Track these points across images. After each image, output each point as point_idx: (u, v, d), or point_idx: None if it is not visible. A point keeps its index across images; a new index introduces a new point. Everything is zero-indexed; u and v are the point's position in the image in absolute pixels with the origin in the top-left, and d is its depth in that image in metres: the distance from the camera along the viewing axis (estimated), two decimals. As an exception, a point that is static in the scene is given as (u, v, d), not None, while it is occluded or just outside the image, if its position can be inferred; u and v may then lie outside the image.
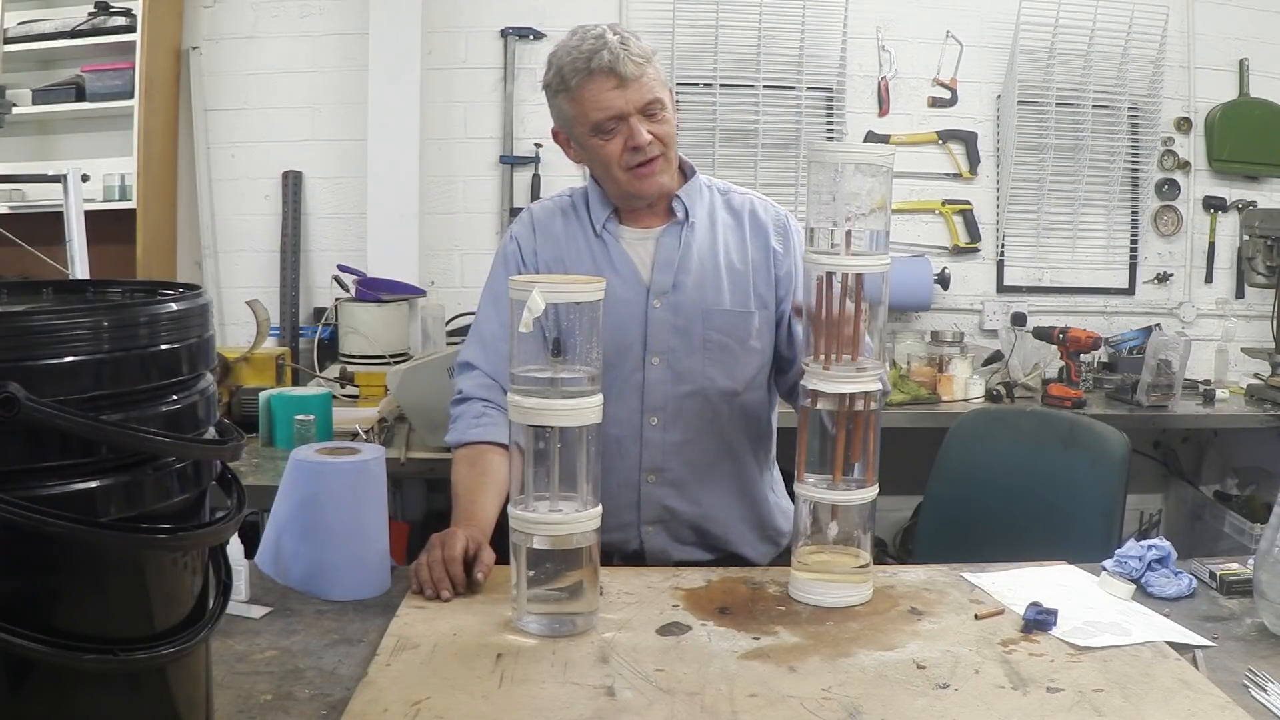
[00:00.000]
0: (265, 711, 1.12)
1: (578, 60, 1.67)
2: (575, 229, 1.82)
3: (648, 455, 1.77)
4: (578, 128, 1.73)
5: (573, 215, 1.83)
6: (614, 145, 1.70)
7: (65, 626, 0.81)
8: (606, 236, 1.80)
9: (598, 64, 1.66)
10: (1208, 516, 3.79)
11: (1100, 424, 2.20)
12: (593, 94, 1.67)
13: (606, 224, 1.80)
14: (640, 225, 1.81)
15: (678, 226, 1.80)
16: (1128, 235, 4.11)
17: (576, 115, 1.71)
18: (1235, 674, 1.24)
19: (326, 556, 1.45)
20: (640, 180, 1.73)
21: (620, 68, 1.66)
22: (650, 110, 1.70)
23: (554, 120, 1.79)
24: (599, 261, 1.78)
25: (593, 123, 1.69)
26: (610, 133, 1.70)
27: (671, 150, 1.75)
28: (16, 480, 0.77)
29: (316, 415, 2.51)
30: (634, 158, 1.70)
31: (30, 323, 0.79)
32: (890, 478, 1.53)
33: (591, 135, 1.71)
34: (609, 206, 1.81)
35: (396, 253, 3.72)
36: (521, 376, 1.34)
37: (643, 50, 1.70)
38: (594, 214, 1.82)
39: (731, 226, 1.83)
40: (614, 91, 1.67)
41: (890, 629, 1.37)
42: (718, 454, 1.81)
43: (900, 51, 3.97)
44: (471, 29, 3.88)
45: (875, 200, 1.41)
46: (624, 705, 1.15)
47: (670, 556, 1.79)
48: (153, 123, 3.63)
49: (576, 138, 1.75)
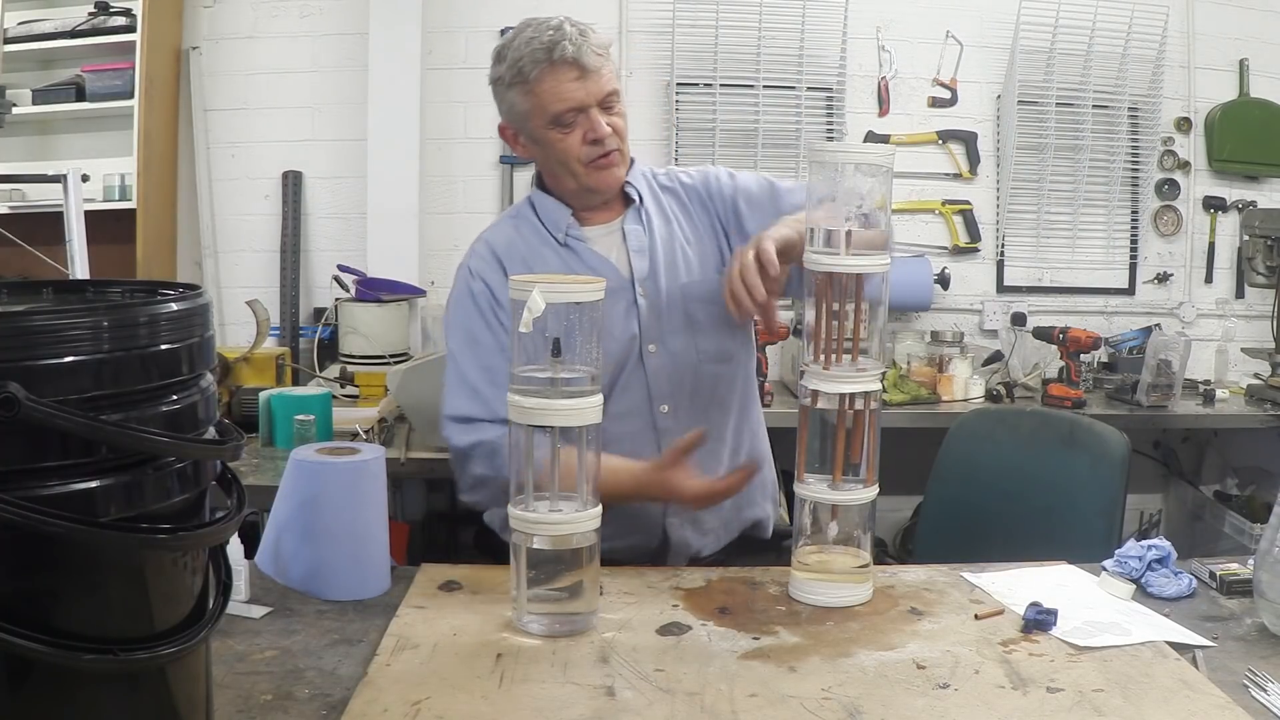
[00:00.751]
0: (265, 711, 1.12)
1: (537, 51, 1.64)
2: (537, 245, 1.77)
3: (665, 444, 1.75)
4: (534, 121, 1.69)
5: (530, 233, 1.79)
6: (573, 138, 1.68)
7: (65, 626, 0.81)
8: (573, 243, 1.77)
9: (560, 55, 1.63)
10: (1208, 516, 3.79)
11: (1100, 424, 2.20)
12: (552, 85, 1.65)
13: (569, 230, 1.77)
14: (600, 222, 1.80)
15: (635, 211, 1.79)
16: (1128, 235, 4.11)
17: (533, 108, 1.68)
18: (1235, 674, 1.24)
19: (326, 556, 1.45)
20: (600, 173, 1.72)
21: (583, 59, 1.64)
22: (608, 102, 1.69)
23: (503, 115, 1.75)
24: (573, 268, 1.75)
25: (552, 115, 1.67)
26: (569, 125, 1.68)
27: (626, 144, 1.74)
28: (16, 480, 0.77)
29: (316, 415, 2.51)
30: (593, 150, 1.69)
31: (30, 323, 0.79)
32: (890, 478, 1.53)
33: (549, 128, 1.68)
34: (565, 210, 1.78)
35: (396, 253, 3.72)
36: (521, 376, 1.34)
37: (601, 41, 1.68)
38: (551, 224, 1.78)
39: (673, 203, 1.83)
40: (575, 83, 1.65)
41: (890, 629, 1.37)
42: (725, 425, 1.82)
43: (900, 51, 3.97)
44: (471, 29, 3.88)
45: (875, 200, 1.41)
46: (624, 705, 1.15)
47: (690, 547, 1.79)
48: (153, 123, 3.63)
49: (530, 131, 1.71)
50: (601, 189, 1.75)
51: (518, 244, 1.78)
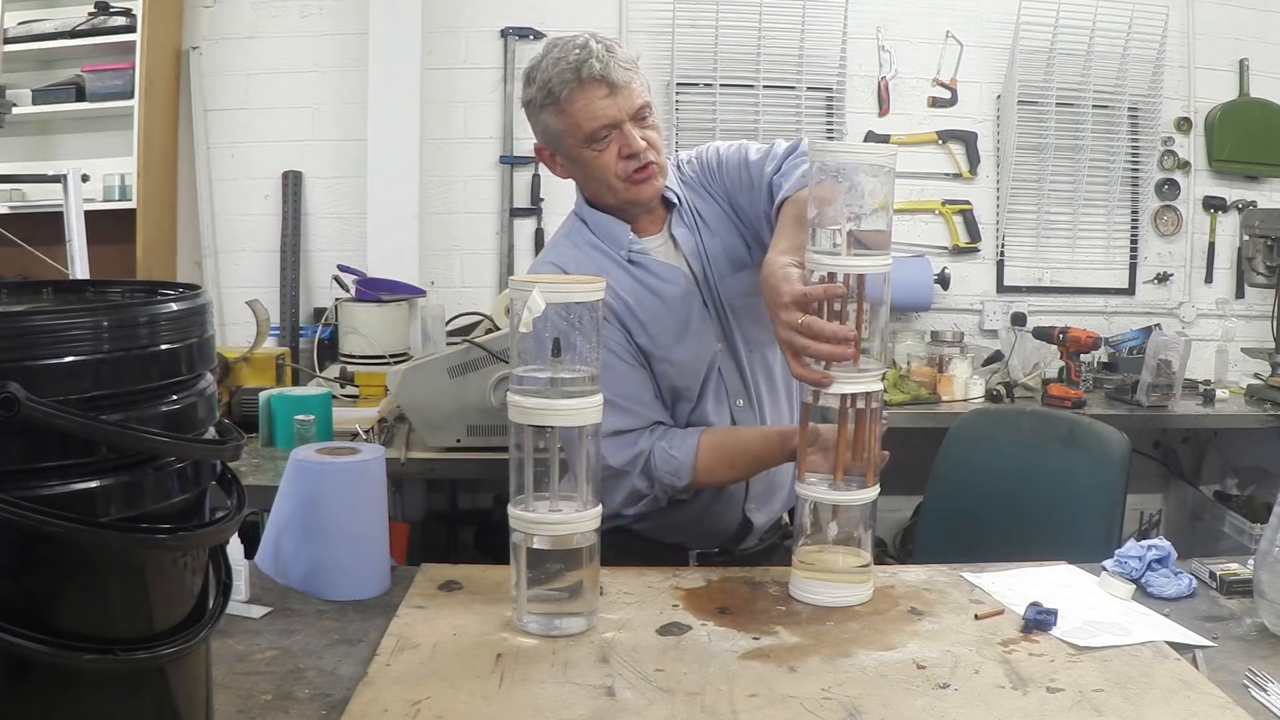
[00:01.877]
0: (265, 711, 1.12)
1: (565, 71, 1.64)
2: (604, 262, 1.77)
3: None
4: (568, 140, 1.69)
5: (592, 251, 1.78)
6: (609, 155, 1.68)
7: (65, 626, 0.81)
8: (637, 258, 1.77)
9: (588, 73, 1.63)
10: (1208, 516, 3.79)
11: (1100, 424, 2.20)
12: (584, 104, 1.65)
13: (632, 246, 1.77)
14: (652, 232, 1.81)
15: (678, 215, 1.81)
16: (1128, 235, 4.11)
17: (567, 128, 1.68)
18: (1235, 674, 1.24)
19: (326, 556, 1.45)
20: (638, 187, 1.71)
21: (611, 75, 1.63)
22: (641, 115, 1.68)
23: (538, 137, 1.76)
24: (646, 284, 1.76)
25: (586, 133, 1.67)
26: (604, 141, 1.67)
27: (662, 155, 1.73)
28: (16, 480, 0.77)
29: (316, 415, 2.51)
30: (629, 165, 1.69)
31: (30, 323, 0.79)
32: (890, 478, 1.53)
33: (584, 146, 1.68)
34: (623, 226, 1.78)
35: (396, 253, 3.72)
36: (521, 377, 1.34)
37: (628, 56, 1.69)
38: (610, 242, 1.78)
39: (694, 196, 1.83)
40: (606, 100, 1.65)
41: (890, 629, 1.37)
42: (788, 406, 1.86)
43: (900, 51, 3.97)
44: (471, 29, 3.88)
45: (877, 200, 1.41)
46: (624, 705, 1.15)
47: (764, 527, 1.88)
48: (153, 123, 3.63)
49: (566, 151, 1.72)
50: (641, 201, 1.74)
51: (585, 264, 1.76)
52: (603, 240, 1.78)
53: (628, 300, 1.75)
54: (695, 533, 1.84)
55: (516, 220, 3.95)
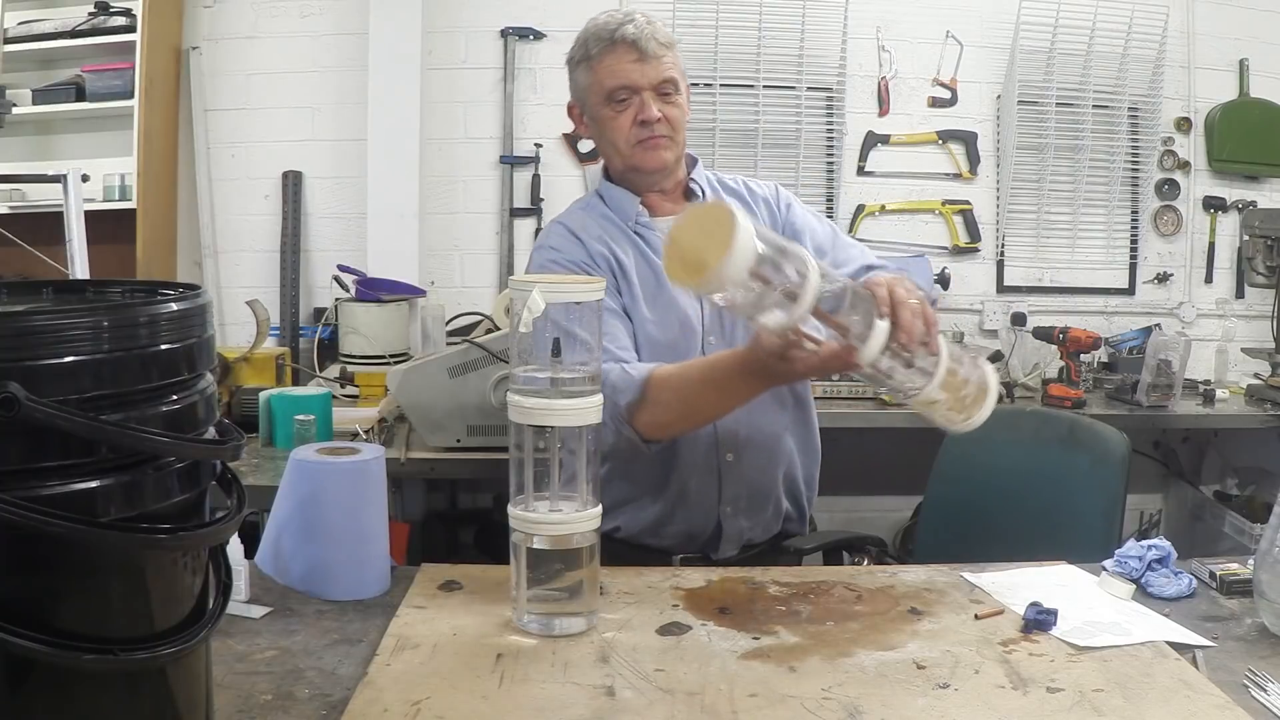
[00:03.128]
0: (265, 711, 1.12)
1: (602, 31, 1.75)
2: (612, 228, 1.84)
3: (723, 433, 1.80)
4: (592, 97, 1.78)
5: (601, 218, 1.86)
6: (624, 118, 1.76)
7: (65, 626, 0.81)
8: (644, 231, 1.84)
9: (621, 35, 1.73)
10: (1208, 516, 3.79)
11: (1100, 424, 2.20)
12: (611, 63, 1.74)
13: (639, 218, 1.84)
14: (665, 214, 1.86)
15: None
16: (1128, 235, 4.11)
17: (592, 84, 1.77)
18: (1235, 674, 1.24)
19: (326, 556, 1.45)
20: (644, 153, 1.77)
21: (643, 43, 1.73)
22: (664, 90, 1.76)
23: (571, 93, 1.85)
24: (646, 254, 1.82)
25: (607, 90, 1.75)
26: (622, 103, 1.76)
27: (679, 135, 1.80)
28: (16, 480, 0.77)
29: (316, 415, 2.51)
30: (641, 132, 1.76)
31: (30, 323, 0.79)
32: (890, 478, 1.53)
33: (604, 105, 1.76)
34: (633, 199, 1.85)
35: (396, 253, 3.72)
36: (521, 376, 1.34)
37: (667, 37, 1.77)
38: (620, 212, 1.85)
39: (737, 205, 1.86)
40: (632, 64, 1.74)
41: (890, 629, 1.37)
42: (781, 421, 1.85)
43: (900, 51, 3.97)
44: (471, 29, 3.88)
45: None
46: (624, 705, 1.15)
47: (743, 537, 1.85)
48: (153, 123, 3.63)
49: (590, 109, 1.80)
50: (645, 168, 1.80)
51: (591, 226, 1.84)
52: (614, 210, 1.85)
53: (623, 260, 1.80)
54: (669, 535, 1.83)
55: (516, 220, 3.95)
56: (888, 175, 4.01)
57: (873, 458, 3.22)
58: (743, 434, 1.81)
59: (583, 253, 1.80)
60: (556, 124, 3.89)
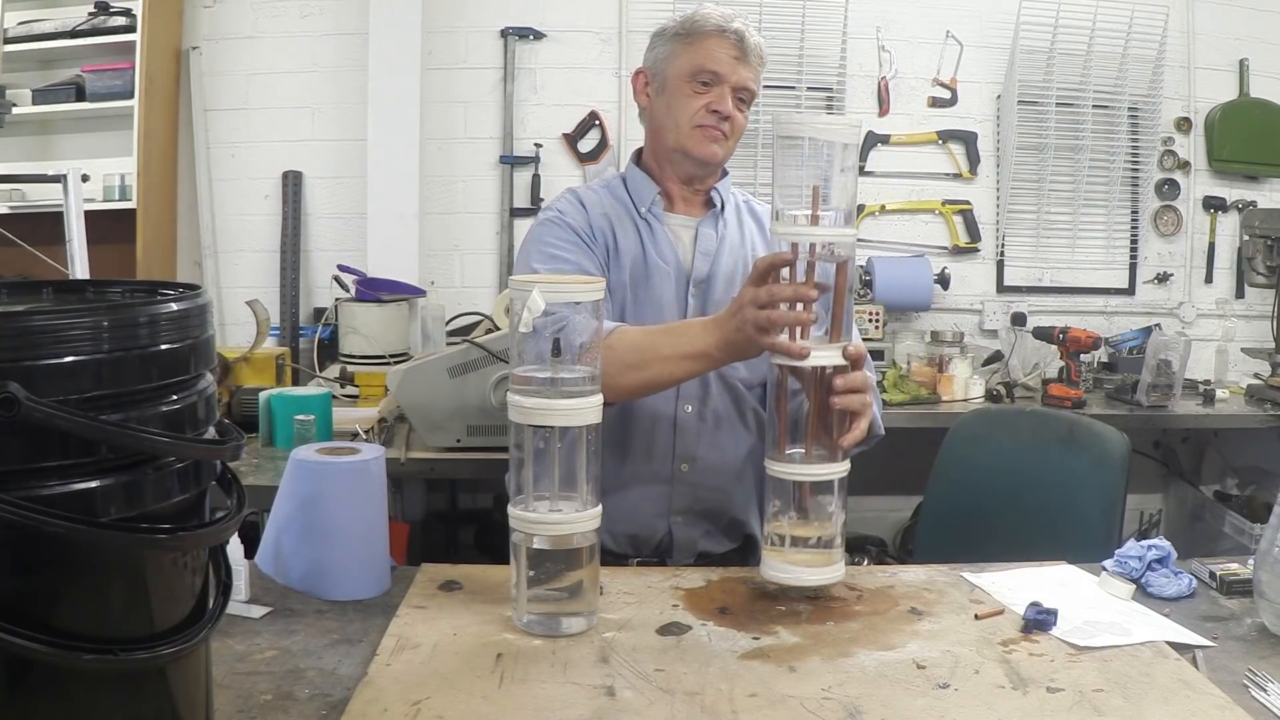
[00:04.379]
0: (265, 711, 1.12)
1: (713, 18, 1.79)
2: (620, 210, 1.86)
3: (681, 442, 1.80)
4: (675, 69, 1.80)
5: (614, 199, 1.88)
6: (699, 100, 1.79)
7: (65, 626, 0.81)
8: (651, 220, 1.85)
9: (732, 29, 1.78)
10: (1208, 516, 3.79)
11: (1100, 424, 2.20)
12: (712, 47, 1.78)
13: (652, 207, 1.86)
14: (681, 213, 1.88)
15: (714, 218, 1.88)
16: (1128, 235, 4.11)
17: (683, 58, 1.79)
18: (1235, 674, 1.24)
19: (326, 556, 1.45)
20: (702, 138, 1.80)
21: (746, 44, 1.79)
22: (742, 95, 1.81)
23: (647, 62, 1.87)
24: (645, 243, 1.83)
25: (696, 68, 1.78)
26: (705, 87, 1.78)
27: (734, 141, 1.84)
28: (16, 480, 0.77)
29: (316, 415, 2.51)
30: (709, 118, 1.79)
31: (30, 323, 0.79)
32: (890, 478, 1.53)
33: (686, 81, 1.79)
34: (654, 187, 1.86)
35: (396, 253, 3.72)
36: (521, 376, 1.34)
37: (764, 54, 1.84)
38: (637, 195, 1.87)
39: (756, 230, 1.90)
40: (732, 58, 1.78)
41: (890, 629, 1.37)
42: (744, 443, 1.84)
43: (900, 51, 3.97)
44: (471, 29, 3.88)
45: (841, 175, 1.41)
46: (624, 705, 1.15)
47: (696, 547, 1.83)
48: (153, 123, 3.63)
49: (666, 79, 1.81)
50: (695, 154, 1.81)
51: (596, 203, 1.87)
52: (631, 192, 1.88)
53: (621, 242, 1.82)
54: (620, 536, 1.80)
55: (516, 220, 3.95)
56: (888, 175, 4.01)
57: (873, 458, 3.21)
58: (702, 448, 1.80)
59: (584, 219, 1.82)
60: (556, 124, 3.89)
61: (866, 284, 3.81)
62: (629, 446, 1.79)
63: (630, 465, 1.80)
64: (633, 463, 1.80)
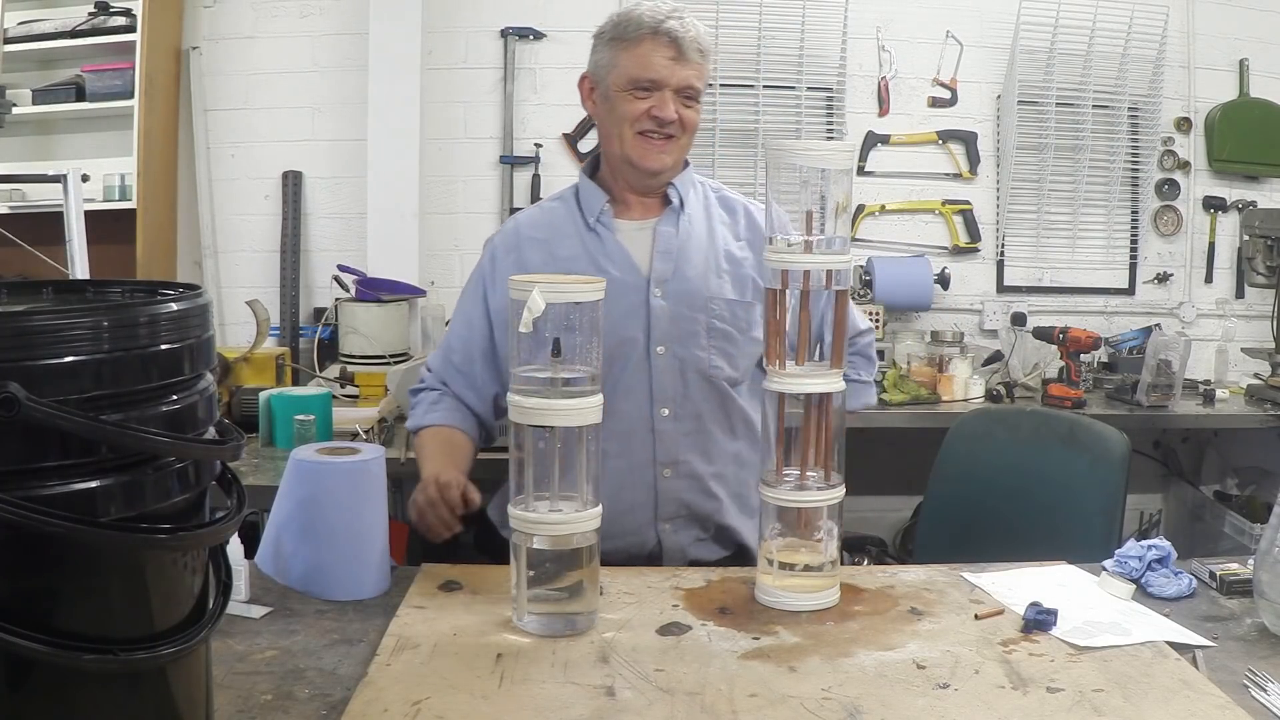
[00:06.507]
0: (265, 711, 1.12)
1: (645, 18, 1.73)
2: (564, 225, 1.82)
3: (661, 448, 1.76)
4: (614, 78, 1.75)
5: (563, 213, 1.84)
6: (638, 106, 1.74)
7: (65, 626, 0.81)
8: (600, 230, 1.81)
9: (665, 30, 1.72)
10: (1208, 516, 3.79)
11: (1100, 424, 2.19)
12: (646, 51, 1.72)
13: (600, 217, 1.81)
14: (634, 217, 1.83)
15: (674, 215, 1.82)
16: (1128, 235, 4.11)
17: (619, 66, 1.74)
18: (1235, 674, 1.24)
19: (326, 556, 1.45)
20: (646, 148, 1.75)
21: (682, 44, 1.72)
22: (687, 94, 1.75)
23: (589, 67, 1.82)
24: (593, 254, 1.78)
25: (631, 77, 1.74)
26: (644, 94, 1.74)
27: (686, 139, 1.79)
28: (16, 480, 0.77)
29: (316, 415, 2.51)
30: (649, 124, 1.74)
31: (30, 323, 0.79)
32: (890, 478, 1.53)
33: (624, 89, 1.74)
34: (602, 197, 1.82)
35: (396, 253, 3.72)
36: (521, 376, 1.34)
37: (705, 45, 1.76)
38: (586, 206, 1.82)
39: (727, 222, 1.85)
40: (666, 61, 1.72)
41: (890, 629, 1.37)
42: (727, 443, 1.81)
43: (900, 51, 3.97)
44: (471, 29, 3.88)
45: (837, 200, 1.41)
46: (624, 705, 1.15)
47: (686, 555, 1.79)
48: (153, 123, 3.63)
49: (606, 87, 1.77)
50: (640, 164, 1.77)
51: (542, 224, 1.84)
52: (581, 204, 1.84)
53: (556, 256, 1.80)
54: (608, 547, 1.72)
55: (516, 220, 3.95)
56: (888, 175, 4.01)
57: (873, 458, 3.22)
58: (683, 452, 1.77)
59: (508, 261, 1.82)
60: (556, 124, 3.89)
61: (866, 284, 3.81)
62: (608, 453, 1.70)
63: (613, 473, 1.72)
64: (615, 470, 1.72)
